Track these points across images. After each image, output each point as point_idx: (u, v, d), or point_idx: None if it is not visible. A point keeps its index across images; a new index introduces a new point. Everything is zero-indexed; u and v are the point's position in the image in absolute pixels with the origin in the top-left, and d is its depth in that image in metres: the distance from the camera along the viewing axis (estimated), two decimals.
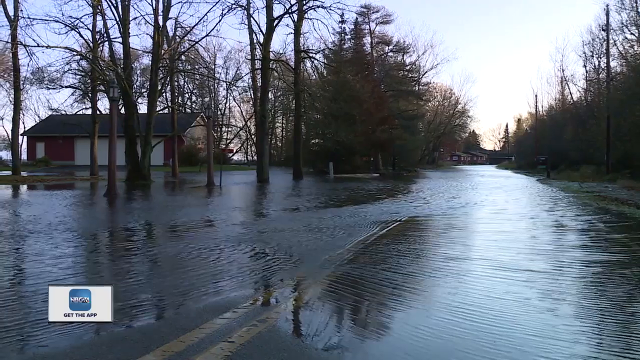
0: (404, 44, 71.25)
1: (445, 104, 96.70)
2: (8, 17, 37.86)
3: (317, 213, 16.07)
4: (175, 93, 50.20)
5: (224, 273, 7.40)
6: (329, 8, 37.59)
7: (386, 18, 66.65)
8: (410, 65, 75.19)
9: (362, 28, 65.68)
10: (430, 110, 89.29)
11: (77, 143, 62.04)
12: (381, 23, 66.98)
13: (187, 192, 26.60)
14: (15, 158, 42.50)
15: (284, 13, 38.05)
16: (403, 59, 73.56)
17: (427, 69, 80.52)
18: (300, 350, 4.55)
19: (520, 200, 21.36)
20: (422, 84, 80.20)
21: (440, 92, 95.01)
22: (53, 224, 12.40)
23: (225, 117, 79.61)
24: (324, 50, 47.05)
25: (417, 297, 6.24)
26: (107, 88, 31.71)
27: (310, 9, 38.82)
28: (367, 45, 67.07)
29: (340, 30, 58.57)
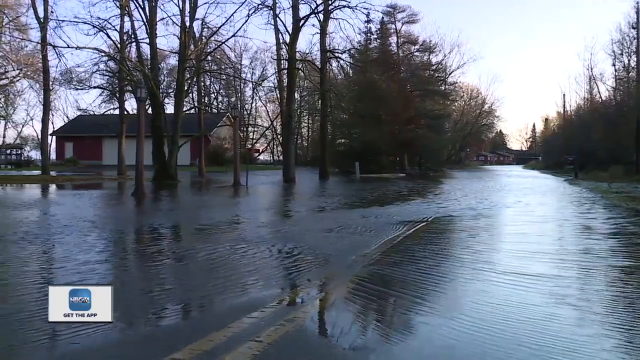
0: (430, 43, 70.81)
1: (472, 103, 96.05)
2: (38, 19, 38.33)
3: (343, 213, 16.06)
4: (202, 93, 50.49)
5: (251, 273, 7.40)
6: (354, 8, 37.59)
7: (412, 17, 66.34)
8: (436, 64, 74.74)
9: (388, 28, 65.44)
10: (457, 110, 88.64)
11: (105, 143, 62.49)
12: (407, 22, 66.66)
13: (213, 192, 26.69)
14: (44, 158, 42.91)
15: (310, 13, 38.11)
16: (429, 58, 73.19)
17: (453, 68, 79.98)
18: (326, 351, 4.54)
19: (547, 201, 21.17)
20: (449, 84, 79.69)
21: (466, 91, 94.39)
22: (81, 223, 12.49)
23: (252, 117, 79.87)
24: (350, 50, 47.00)
25: (443, 299, 6.19)
26: (134, 88, 31.93)
27: (336, 8, 38.85)
28: (393, 44, 66.83)
29: (366, 30, 58.45)
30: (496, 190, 27.78)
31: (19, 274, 7.40)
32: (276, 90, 54.33)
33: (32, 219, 14.06)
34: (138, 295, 6.31)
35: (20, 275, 7.36)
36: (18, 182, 33.22)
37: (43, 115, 42.11)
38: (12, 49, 43.02)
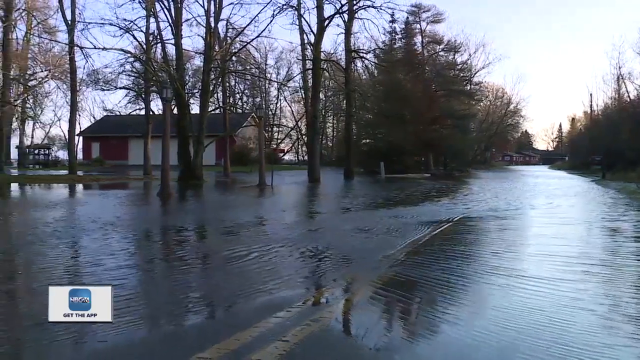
0: (455, 43, 70.39)
1: (497, 103, 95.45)
2: (66, 21, 38.77)
3: (368, 213, 16.04)
4: (227, 93, 50.68)
5: (277, 272, 7.42)
6: (379, 8, 37.53)
7: (437, 17, 66.00)
8: (461, 64, 74.33)
9: (413, 27, 65.18)
10: (482, 110, 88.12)
11: (131, 143, 62.96)
12: (432, 22, 66.33)
13: (239, 192, 26.77)
14: (71, 158, 43.31)
15: (334, 13, 38.11)
16: (454, 58, 72.79)
17: (478, 68, 79.44)
18: (352, 351, 4.55)
19: (574, 202, 20.91)
20: (474, 83, 79.20)
21: (492, 91, 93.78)
22: (107, 223, 12.59)
23: (276, 117, 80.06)
24: (374, 50, 46.97)
25: (469, 300, 6.18)
26: (160, 89, 32.12)
27: (361, 8, 38.81)
28: (418, 44, 66.56)
29: (390, 30, 58.22)
30: (521, 191, 27.54)
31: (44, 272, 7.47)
32: (301, 90, 54.42)
33: (60, 219, 14.19)
34: (164, 295, 6.36)
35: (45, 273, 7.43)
36: (46, 182, 33.55)
37: (70, 115, 42.57)
38: (41, 50, 43.68)
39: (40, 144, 68.43)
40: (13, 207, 19.67)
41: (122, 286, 6.45)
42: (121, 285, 6.48)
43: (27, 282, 7.11)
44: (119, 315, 5.23)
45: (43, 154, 65.67)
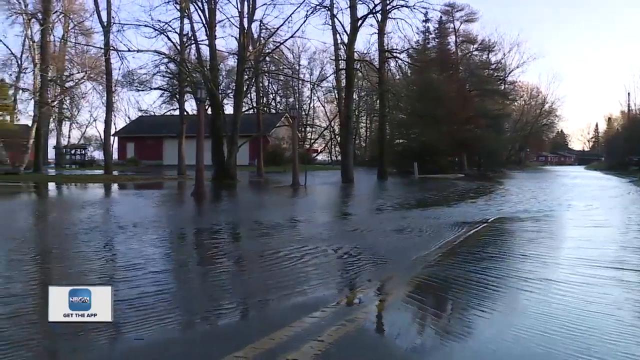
0: (489, 42, 69.81)
1: (532, 103, 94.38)
2: (102, 23, 39.34)
3: (403, 213, 16.00)
4: (261, 94, 50.82)
5: (311, 272, 7.44)
6: (412, 7, 37.29)
7: (471, 16, 65.56)
8: (495, 63, 73.70)
9: (447, 27, 64.88)
10: (516, 110, 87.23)
11: (165, 143, 63.45)
12: (466, 21, 65.90)
13: (272, 192, 26.86)
14: (107, 158, 43.91)
15: (367, 13, 37.97)
16: (488, 57, 72.21)
17: (512, 67, 78.65)
18: (387, 351, 4.54)
19: (610, 204, 20.59)
20: (508, 83, 78.41)
21: (526, 90, 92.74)
22: (142, 222, 12.71)
23: (310, 117, 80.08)
24: (408, 50, 46.77)
25: (503, 301, 6.12)
26: (194, 89, 32.34)
27: (394, 8, 38.60)
28: (452, 44, 66.21)
29: (424, 29, 58.12)
30: (556, 192, 27.17)
31: (83, 271, 7.58)
32: (334, 90, 54.35)
33: (97, 218, 14.40)
34: (199, 294, 6.41)
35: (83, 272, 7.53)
36: (83, 182, 34.00)
37: (106, 116, 43.09)
38: (77, 52, 44.28)
39: (76, 144, 69.36)
40: (51, 206, 19.99)
41: (157, 285, 6.53)
42: (156, 284, 6.56)
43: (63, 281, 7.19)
44: (154, 314, 5.31)
45: (79, 154, 66.63)
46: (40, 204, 20.75)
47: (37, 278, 7.28)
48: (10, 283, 6.67)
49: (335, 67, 45.87)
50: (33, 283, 6.91)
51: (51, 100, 42.85)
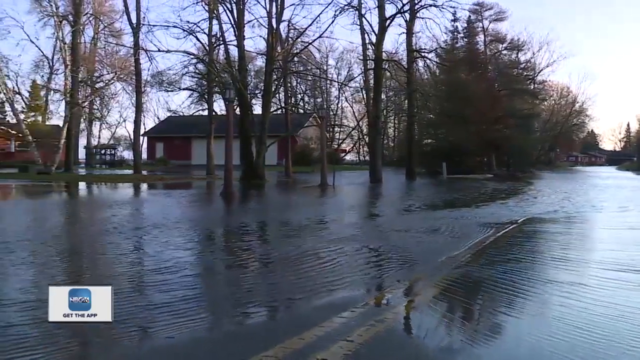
0: (518, 41, 69.29)
1: (562, 102, 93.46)
2: (131, 24, 39.79)
3: (431, 213, 15.94)
4: (289, 94, 50.89)
5: (339, 272, 7.42)
6: (441, 7, 37.17)
7: (500, 15, 65.13)
8: (525, 63, 73.18)
9: (475, 26, 64.52)
10: (546, 110, 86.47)
11: (194, 143, 63.93)
12: (495, 20, 65.45)
13: (300, 192, 26.89)
14: (136, 157, 44.32)
15: (396, 13, 37.88)
16: (517, 56, 71.70)
17: (542, 66, 78.05)
18: (417, 352, 4.53)
19: None
20: (538, 82, 77.84)
21: (556, 90, 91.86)
22: (172, 222, 12.81)
23: (338, 117, 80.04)
24: (436, 50, 46.52)
25: (532, 304, 6.03)
26: (222, 90, 32.53)
27: (423, 8, 38.50)
28: (481, 43, 65.80)
29: (452, 29, 57.86)
30: (588, 193, 26.83)
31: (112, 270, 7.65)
32: (362, 90, 54.34)
33: (128, 217, 14.55)
34: (227, 294, 6.43)
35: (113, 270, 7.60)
36: (112, 181, 34.33)
37: (135, 116, 43.57)
38: (107, 53, 44.71)
39: (106, 144, 70.09)
40: (81, 206, 20.21)
41: (185, 285, 6.56)
42: (185, 284, 6.59)
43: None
44: (183, 314, 5.34)
45: (109, 153, 67.36)
46: (71, 204, 20.99)
47: (62, 280, 7.34)
48: (30, 286, 6.73)
49: (363, 67, 45.92)
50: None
51: (82, 100, 43.34)
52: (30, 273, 7.37)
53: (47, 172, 36.76)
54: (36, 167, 38.54)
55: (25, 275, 7.20)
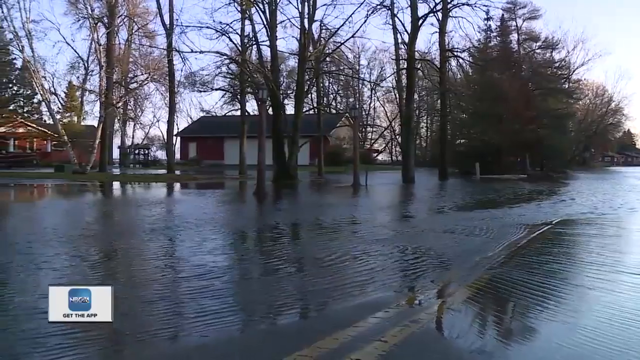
0: (552, 39, 68.51)
1: (597, 101, 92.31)
2: (164, 26, 40.19)
3: (465, 214, 15.84)
4: (321, 94, 50.93)
5: (373, 272, 7.40)
6: (474, 5, 37.00)
7: (533, 13, 64.41)
8: (559, 61, 72.31)
9: (509, 25, 63.92)
10: (581, 109, 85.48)
11: (226, 143, 64.26)
12: (528, 19, 64.72)
13: (333, 192, 26.89)
14: (169, 157, 44.73)
15: (428, 12, 37.73)
16: (551, 55, 70.84)
17: (577, 65, 77.27)
18: (452, 352, 4.52)
19: None
20: (572, 81, 76.89)
21: (591, 89, 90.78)
22: (206, 221, 12.91)
23: (370, 117, 79.99)
24: (469, 49, 46.27)
25: (566, 307, 5.94)
26: (255, 90, 32.68)
27: (455, 7, 38.33)
28: (514, 42, 65.19)
29: (485, 28, 57.47)
30: (625, 193, 26.42)
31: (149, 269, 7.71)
32: (395, 90, 54.22)
33: (163, 216, 14.72)
34: (261, 294, 6.44)
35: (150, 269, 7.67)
36: (146, 181, 34.66)
37: (169, 116, 44.01)
38: (141, 54, 45.23)
39: (140, 144, 70.73)
40: (116, 205, 20.44)
41: (219, 284, 6.61)
42: (218, 283, 6.63)
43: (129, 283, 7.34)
44: (217, 313, 5.37)
45: (143, 153, 67.96)
46: (106, 203, 21.23)
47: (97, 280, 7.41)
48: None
49: (395, 67, 45.82)
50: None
51: (116, 101, 43.79)
52: (55, 275, 7.42)
53: (82, 172, 37.22)
54: (72, 166, 39.04)
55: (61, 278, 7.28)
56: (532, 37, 66.10)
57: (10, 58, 50.33)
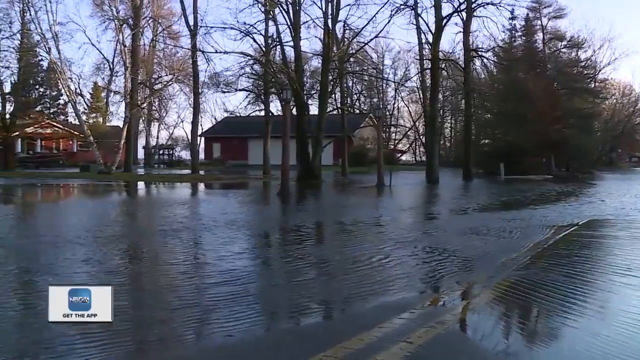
0: (578, 39, 67.82)
1: (624, 101, 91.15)
2: (189, 27, 40.39)
3: (490, 215, 15.77)
4: (345, 94, 50.93)
5: (398, 273, 7.40)
6: (498, 5, 36.71)
7: (559, 12, 63.78)
8: (585, 61, 71.56)
9: (533, 24, 63.39)
10: (607, 109, 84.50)
11: (250, 143, 64.39)
12: (554, 18, 64.09)
13: (357, 192, 26.88)
14: (194, 158, 44.92)
15: (452, 12, 37.50)
16: (577, 54, 70.15)
17: (603, 64, 76.39)
18: (477, 354, 4.51)
19: None
20: (599, 81, 76.04)
21: (618, 88, 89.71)
22: (230, 221, 12.93)
23: (394, 117, 79.77)
24: (494, 49, 45.96)
25: (591, 309, 5.87)
26: (279, 90, 32.75)
27: (480, 6, 38.04)
28: (539, 41, 64.66)
29: (510, 27, 57.11)
30: None
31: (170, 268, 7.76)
32: (419, 90, 54.10)
33: (188, 216, 14.81)
34: (285, 294, 6.44)
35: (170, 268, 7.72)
36: (170, 181, 34.87)
37: (193, 117, 44.19)
38: (166, 55, 45.49)
39: (164, 145, 71.18)
40: (141, 205, 20.59)
41: (243, 285, 6.63)
42: (242, 284, 6.66)
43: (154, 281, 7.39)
44: (242, 313, 5.39)
45: (167, 154, 68.38)
46: (131, 203, 21.39)
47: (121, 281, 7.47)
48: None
49: (419, 67, 45.71)
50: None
51: (141, 102, 44.13)
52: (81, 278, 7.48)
53: (108, 172, 37.54)
54: (97, 166, 39.38)
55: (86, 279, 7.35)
56: (557, 36, 65.55)
57: (37, 60, 50.72)
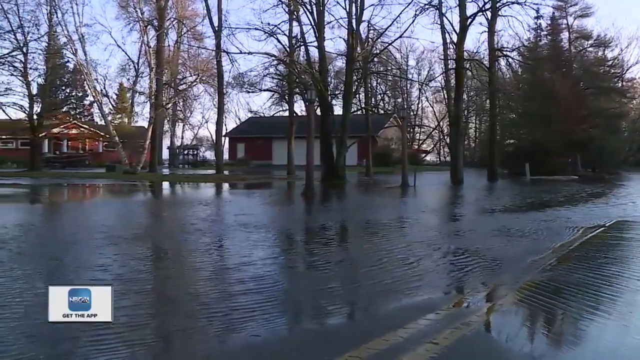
0: (604, 37, 67.05)
1: None
2: (213, 28, 40.58)
3: (516, 216, 15.66)
4: (369, 94, 50.86)
5: (423, 274, 7.38)
6: (523, 4, 36.39)
7: (585, 11, 63.07)
8: (612, 60, 70.70)
9: (559, 23, 62.76)
10: (635, 108, 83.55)
11: (275, 143, 64.54)
12: (580, 16, 63.35)
13: (381, 192, 26.84)
14: (218, 158, 45.12)
15: (477, 11, 37.25)
16: (604, 53, 69.40)
17: (631, 63, 75.41)
18: (503, 356, 4.49)
19: None
20: (626, 80, 75.14)
21: None
22: (255, 221, 12.96)
23: (418, 117, 79.60)
24: (519, 48, 45.63)
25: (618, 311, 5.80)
26: (303, 90, 32.79)
27: (504, 5, 37.73)
28: (565, 40, 64.04)
29: (535, 27, 56.65)
30: None
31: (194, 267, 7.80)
32: (443, 90, 53.88)
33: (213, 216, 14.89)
34: (310, 294, 6.46)
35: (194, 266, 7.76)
36: (195, 181, 35.08)
37: (217, 117, 44.37)
38: (190, 56, 45.73)
39: (189, 145, 71.62)
40: (166, 205, 20.74)
41: (268, 285, 6.65)
42: (267, 284, 6.68)
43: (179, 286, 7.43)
44: (266, 313, 5.41)
45: (192, 154, 68.79)
46: (156, 202, 21.56)
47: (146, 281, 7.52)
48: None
49: (444, 67, 45.53)
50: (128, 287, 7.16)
51: (165, 102, 44.40)
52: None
53: (133, 172, 37.85)
54: (122, 167, 39.70)
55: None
56: (583, 35, 64.89)
57: (63, 61, 51.22)
